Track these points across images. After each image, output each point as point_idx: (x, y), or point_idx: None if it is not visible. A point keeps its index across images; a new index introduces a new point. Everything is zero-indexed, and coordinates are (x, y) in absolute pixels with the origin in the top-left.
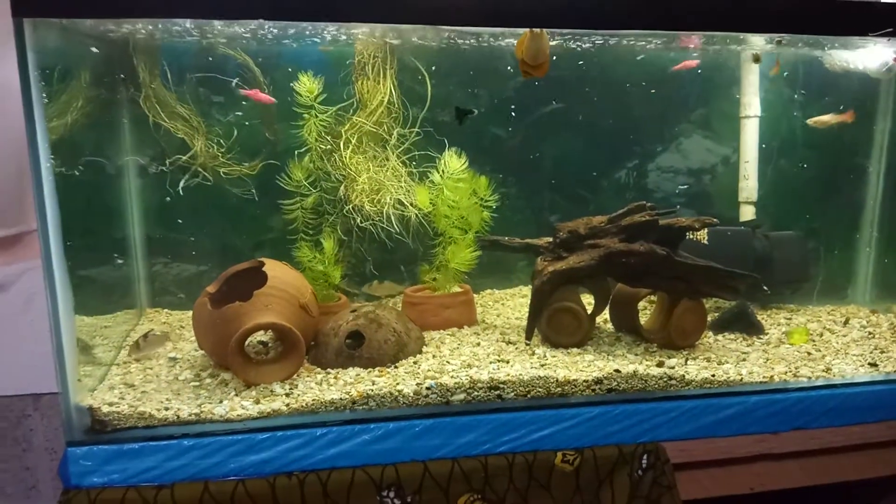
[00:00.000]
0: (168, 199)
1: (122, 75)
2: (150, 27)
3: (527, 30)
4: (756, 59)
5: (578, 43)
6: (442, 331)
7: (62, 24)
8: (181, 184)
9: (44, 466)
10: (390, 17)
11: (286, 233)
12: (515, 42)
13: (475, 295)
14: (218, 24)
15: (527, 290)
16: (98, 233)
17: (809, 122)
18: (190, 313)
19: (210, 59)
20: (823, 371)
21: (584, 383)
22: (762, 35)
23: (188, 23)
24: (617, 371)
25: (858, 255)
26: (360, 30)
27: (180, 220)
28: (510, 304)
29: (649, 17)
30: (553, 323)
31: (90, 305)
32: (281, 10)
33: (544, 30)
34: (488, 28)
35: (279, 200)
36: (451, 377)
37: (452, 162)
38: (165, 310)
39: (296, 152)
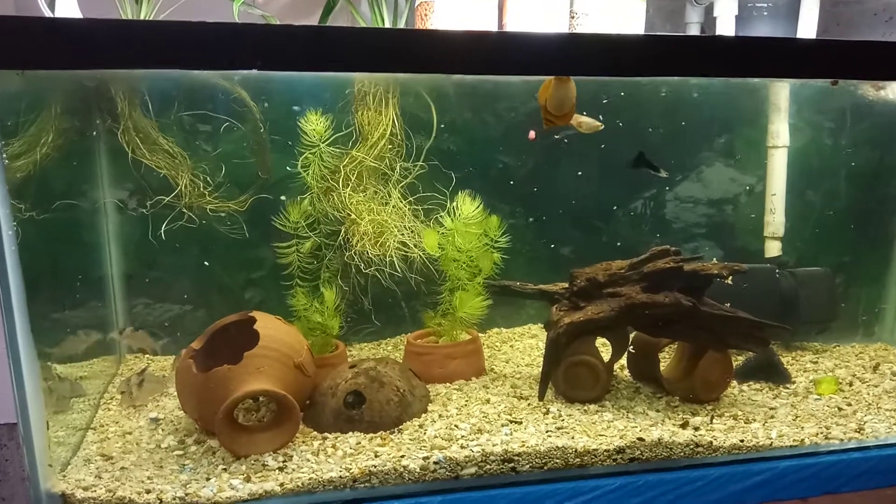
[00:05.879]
0: (149, 236)
1: (98, 108)
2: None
3: (551, 77)
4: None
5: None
6: (448, 384)
7: None
8: (163, 226)
9: (20, 497)
10: (392, 67)
11: (279, 277)
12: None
13: (481, 335)
14: None
15: (536, 329)
16: (70, 274)
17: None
18: (174, 358)
19: (198, 87)
20: (855, 430)
21: (605, 453)
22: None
23: None
24: (640, 440)
25: (888, 291)
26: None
27: (162, 257)
28: (519, 347)
29: (685, 65)
30: (569, 377)
31: (61, 353)
32: (276, 61)
33: (571, 77)
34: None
35: (274, 243)
36: (461, 446)
37: (465, 206)
38: (147, 356)
39: (296, 197)
